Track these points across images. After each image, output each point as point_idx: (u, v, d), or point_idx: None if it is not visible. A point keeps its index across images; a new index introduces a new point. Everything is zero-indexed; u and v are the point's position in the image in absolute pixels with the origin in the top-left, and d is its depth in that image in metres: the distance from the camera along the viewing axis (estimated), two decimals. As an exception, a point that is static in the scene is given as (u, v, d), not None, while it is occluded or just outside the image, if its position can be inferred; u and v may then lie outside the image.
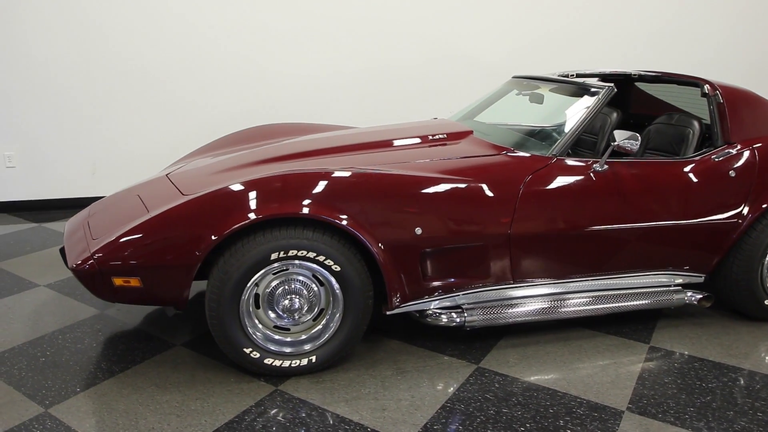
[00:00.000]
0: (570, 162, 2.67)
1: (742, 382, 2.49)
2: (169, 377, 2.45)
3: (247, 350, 2.38)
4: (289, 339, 2.45)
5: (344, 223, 2.30)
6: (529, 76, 3.38)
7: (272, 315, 2.44)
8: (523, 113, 3.43)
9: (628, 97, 3.89)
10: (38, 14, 4.47)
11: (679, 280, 2.92)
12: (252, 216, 2.23)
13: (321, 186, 2.34)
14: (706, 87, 2.98)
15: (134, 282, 2.33)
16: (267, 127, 3.63)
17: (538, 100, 3.19)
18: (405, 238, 2.41)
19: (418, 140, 2.96)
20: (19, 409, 2.21)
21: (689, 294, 2.89)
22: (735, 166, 2.81)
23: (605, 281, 2.80)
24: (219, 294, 2.30)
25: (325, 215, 2.28)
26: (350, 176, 2.40)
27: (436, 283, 2.58)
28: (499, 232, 2.53)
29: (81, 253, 2.39)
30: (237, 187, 2.32)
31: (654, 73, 3.36)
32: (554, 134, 2.84)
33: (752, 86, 5.45)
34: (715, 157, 2.83)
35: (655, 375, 2.53)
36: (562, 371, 2.55)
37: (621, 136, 2.67)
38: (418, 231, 2.42)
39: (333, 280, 2.39)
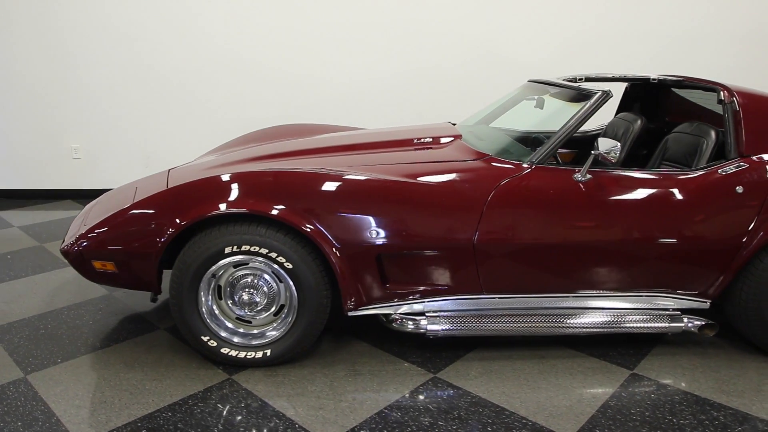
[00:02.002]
0: (549, 170, 2.53)
1: (721, 421, 2.23)
2: (139, 357, 2.62)
3: (205, 338, 2.49)
4: (241, 330, 2.54)
5: (288, 218, 2.34)
6: (542, 81, 3.23)
7: (234, 307, 2.54)
8: (529, 119, 3.28)
9: (664, 104, 3.59)
10: (99, 35, 4.98)
11: (680, 305, 2.66)
12: (204, 212, 2.35)
13: (273, 184, 2.40)
14: (723, 93, 2.70)
15: (110, 267, 2.53)
16: (281, 128, 3.76)
17: (540, 105, 3.05)
18: (360, 240, 2.41)
19: (403, 144, 2.93)
20: (3, 372, 2.48)
21: (688, 320, 2.63)
22: (744, 181, 2.51)
23: (587, 300, 2.62)
24: (179, 283, 2.43)
25: (269, 212, 2.33)
26: (304, 176, 2.44)
27: (400, 289, 2.56)
28: (462, 240, 2.45)
29: (71, 237, 2.64)
30: (195, 183, 2.45)
31: (674, 78, 3.08)
32: (540, 141, 2.70)
33: None
34: (723, 171, 2.55)
35: (623, 404, 2.33)
36: (520, 390, 2.42)
37: (606, 145, 2.47)
38: (374, 234, 2.41)
39: (287, 277, 2.44)
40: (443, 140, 2.92)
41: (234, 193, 2.40)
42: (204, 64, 5.13)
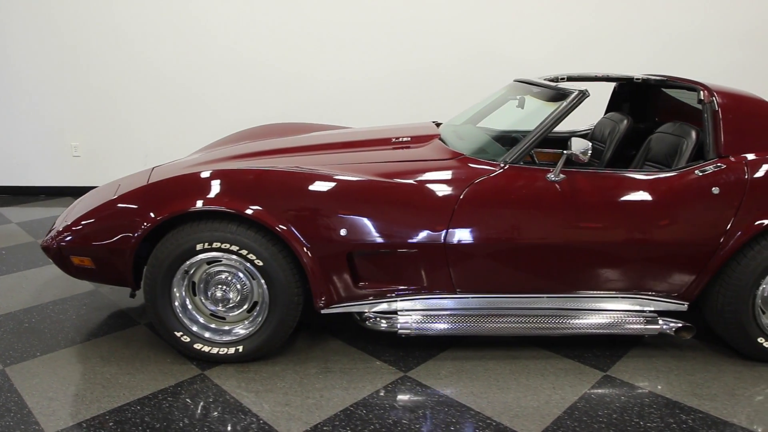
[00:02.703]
0: (522, 170, 2.52)
1: (689, 425, 2.20)
2: (116, 352, 2.66)
3: (178, 334, 2.53)
4: (213, 326, 2.56)
5: (258, 216, 2.36)
6: (526, 80, 3.21)
7: (207, 303, 2.57)
8: (515, 119, 3.27)
9: (654, 103, 3.55)
10: (99, 34, 5.06)
11: (658, 307, 2.64)
12: (172, 210, 2.38)
13: (242, 183, 2.43)
14: (702, 93, 2.66)
15: (87, 262, 2.58)
16: (268, 126, 3.78)
17: (521, 104, 3.03)
18: (329, 238, 2.42)
19: (381, 143, 2.94)
20: (-18, 364, 2.55)
21: (663, 323, 2.60)
22: (721, 182, 2.48)
23: (561, 301, 2.61)
24: (153, 279, 2.47)
25: (239, 210, 2.35)
26: (275, 174, 2.46)
27: (372, 287, 2.57)
28: (432, 239, 2.45)
29: (51, 233, 2.69)
30: (167, 181, 2.48)
31: (658, 77, 3.04)
32: (515, 141, 2.69)
33: None
34: (699, 171, 2.51)
35: (591, 406, 2.31)
36: (489, 390, 2.41)
37: (579, 145, 2.45)
38: (344, 232, 2.42)
39: (258, 274, 2.46)
40: (421, 140, 2.92)
41: (205, 190, 2.42)
42: (203, 63, 5.18)
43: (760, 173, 2.48)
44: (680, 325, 2.61)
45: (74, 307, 3.11)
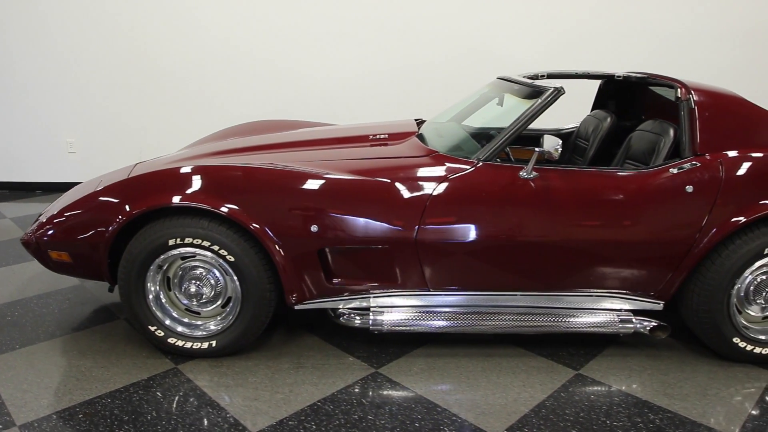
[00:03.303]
0: (494, 168, 2.51)
1: (656, 425, 2.19)
2: (93, 345, 2.70)
3: (152, 328, 2.55)
4: (186, 320, 2.59)
5: (230, 213, 2.38)
6: (507, 78, 3.20)
7: (182, 298, 2.59)
8: (493, 116, 3.26)
9: (641, 101, 3.52)
10: (95, 30, 5.11)
11: (633, 306, 2.62)
12: (146, 206, 2.40)
13: (214, 179, 2.44)
14: (680, 90, 2.64)
15: (65, 257, 2.61)
16: (254, 124, 3.80)
17: (501, 102, 3.02)
18: (300, 235, 2.44)
19: (358, 140, 2.95)
20: (-39, 356, 2.59)
21: (637, 321, 2.59)
22: (695, 180, 2.46)
23: (535, 299, 2.60)
24: (127, 274, 2.49)
25: (210, 205, 2.37)
26: (247, 170, 2.48)
27: (345, 283, 2.58)
28: (403, 236, 2.45)
29: (32, 227, 2.72)
30: (142, 177, 2.51)
31: (639, 75, 3.02)
32: (490, 138, 2.68)
33: None
34: (674, 170, 2.49)
35: (559, 404, 2.31)
36: (459, 387, 2.42)
37: (551, 143, 2.44)
38: (314, 228, 2.43)
39: (230, 269, 2.48)
40: (398, 137, 2.92)
41: (180, 187, 2.44)
42: (198, 59, 5.22)
43: (735, 172, 2.46)
44: (655, 324, 2.59)
45: (57, 301, 3.15)
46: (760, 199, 2.44)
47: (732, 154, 2.50)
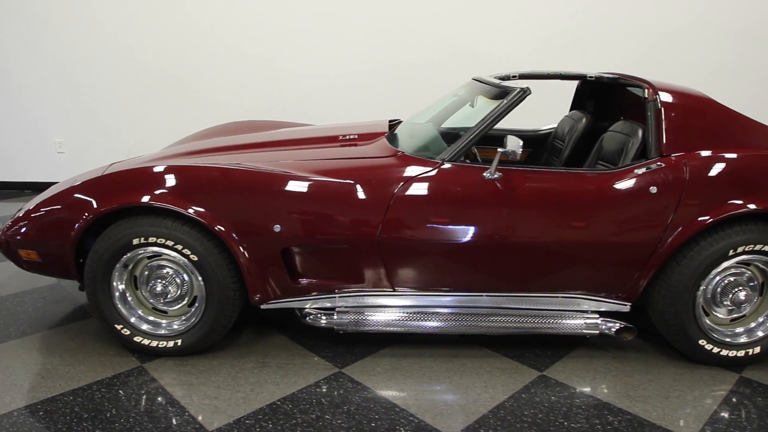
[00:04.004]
0: (458, 168, 2.51)
1: (614, 427, 2.18)
2: (63, 343, 2.72)
3: (119, 327, 2.57)
4: (151, 318, 2.60)
5: (193, 213, 2.39)
6: (480, 78, 3.19)
7: (149, 296, 2.61)
8: (467, 116, 3.25)
9: (619, 102, 3.50)
10: (83, 31, 5.15)
11: (600, 308, 2.61)
12: (108, 205, 2.42)
13: (179, 179, 2.45)
14: (647, 91, 2.62)
15: (33, 256, 2.63)
16: (235, 124, 3.81)
17: (472, 103, 3.02)
18: (263, 234, 2.44)
19: (328, 140, 2.95)
20: (-69, 353, 2.62)
21: (602, 323, 2.58)
22: (659, 181, 2.44)
23: (501, 300, 2.60)
24: (93, 272, 2.51)
25: (173, 205, 2.38)
26: (210, 170, 2.49)
27: (310, 283, 2.59)
28: (366, 236, 2.46)
29: (3, 227, 2.75)
30: (109, 176, 2.53)
31: (610, 75, 3.01)
32: (456, 139, 2.67)
33: (764, 89, 4.73)
34: (639, 170, 2.48)
35: (519, 405, 2.30)
36: (420, 387, 2.42)
37: (515, 143, 2.43)
38: (277, 228, 2.44)
39: (194, 269, 2.50)
40: (368, 137, 2.93)
41: (143, 186, 2.46)
42: (187, 60, 5.25)
43: (699, 173, 2.44)
44: (621, 325, 2.58)
45: (32, 299, 3.18)
46: (725, 201, 2.43)
47: (698, 154, 2.48)
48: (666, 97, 2.57)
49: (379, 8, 5.12)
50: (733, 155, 2.49)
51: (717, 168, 2.46)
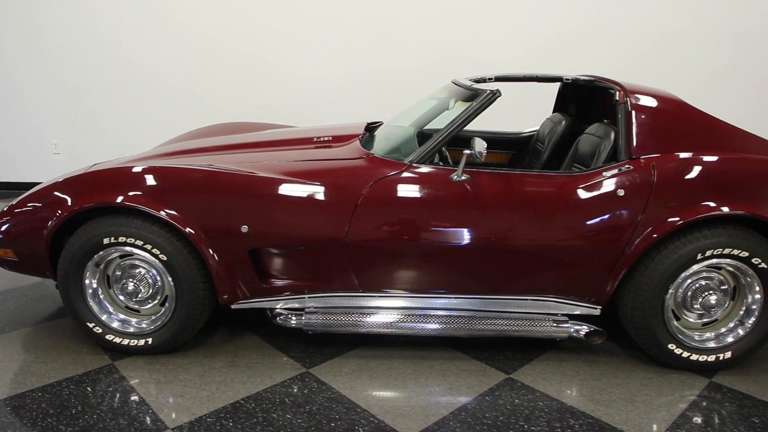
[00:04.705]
0: (426, 170, 2.52)
1: (575, 430, 2.17)
2: (38, 341, 2.76)
3: (91, 325, 2.60)
4: (122, 316, 2.63)
5: (163, 214, 2.42)
6: (456, 82, 3.18)
7: (120, 295, 2.64)
8: (440, 119, 3.25)
9: (600, 105, 3.48)
10: (80, 32, 5.23)
11: (570, 311, 2.60)
12: (79, 205, 2.46)
13: (148, 180, 2.48)
14: (618, 93, 2.61)
15: (10, 254, 2.68)
16: (220, 126, 3.84)
17: (450, 105, 3.02)
18: (230, 235, 2.47)
19: (303, 142, 2.97)
20: None
21: (571, 326, 2.56)
22: (626, 184, 2.43)
23: (469, 302, 2.60)
24: (65, 271, 2.55)
25: (143, 205, 2.42)
26: (180, 171, 2.52)
27: (279, 284, 2.61)
28: (333, 237, 2.47)
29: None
30: (78, 177, 2.57)
31: (586, 78, 2.99)
32: (426, 141, 2.68)
33: (763, 91, 4.68)
34: (607, 173, 2.47)
35: (481, 408, 2.30)
36: (385, 389, 2.42)
37: (479, 145, 2.43)
38: (244, 229, 2.46)
39: (164, 269, 2.52)
40: (342, 139, 2.94)
41: (115, 186, 2.49)
42: (183, 62, 5.31)
43: (667, 176, 2.42)
44: (590, 329, 2.57)
45: (15, 297, 3.23)
46: (694, 204, 2.41)
47: (667, 157, 2.46)
48: (636, 99, 2.56)
49: (374, 11, 5.14)
50: (704, 158, 2.47)
51: (686, 171, 2.45)
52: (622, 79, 2.83)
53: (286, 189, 2.49)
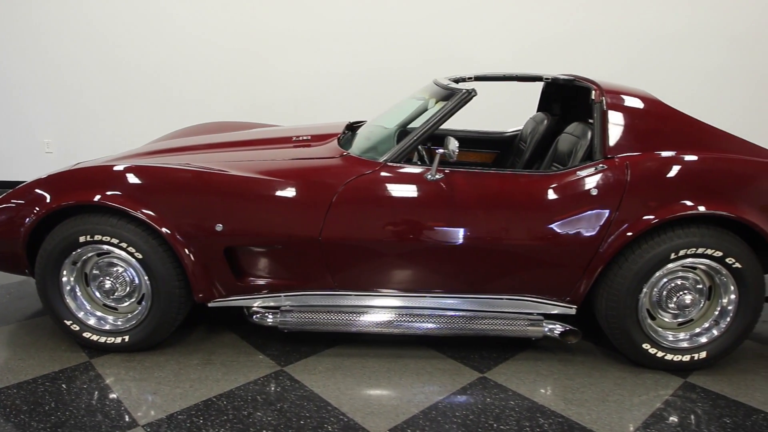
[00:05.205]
0: (400, 170, 2.52)
1: (544, 429, 2.17)
2: (18, 339, 2.78)
3: (68, 322, 2.62)
4: (98, 314, 2.65)
5: (139, 212, 2.43)
6: (436, 82, 3.18)
7: (98, 293, 2.66)
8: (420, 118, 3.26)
9: (584, 104, 3.47)
10: (72, 31, 5.26)
11: (546, 310, 2.60)
12: (57, 203, 2.48)
13: (123, 178, 2.50)
14: (594, 92, 2.61)
15: (-11, 251, 2.70)
16: (208, 125, 3.85)
17: (429, 105, 3.02)
18: (205, 233, 2.48)
19: (282, 141, 2.98)
20: None
21: (546, 325, 2.56)
22: (599, 184, 2.43)
23: (445, 300, 2.60)
24: (43, 269, 2.57)
25: (119, 204, 2.43)
26: (156, 170, 2.53)
27: (256, 283, 2.62)
28: (308, 236, 2.48)
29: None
30: (57, 176, 2.58)
31: (566, 77, 2.99)
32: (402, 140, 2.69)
33: (759, 93, 4.69)
34: (581, 173, 2.47)
35: (451, 407, 2.30)
36: (358, 387, 2.43)
37: (452, 144, 2.43)
38: (219, 228, 2.47)
39: (139, 267, 2.54)
40: (321, 138, 2.95)
41: (93, 185, 2.51)
42: (175, 61, 5.33)
43: (641, 175, 2.42)
44: (565, 328, 2.57)
45: (-2, 296, 3.27)
46: (668, 204, 2.40)
47: (641, 156, 2.46)
48: (611, 99, 2.56)
49: (367, 11, 5.15)
50: (680, 158, 2.47)
51: (661, 170, 2.44)
52: (616, 80, 2.84)
53: (261, 187, 2.50)
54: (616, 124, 2.52)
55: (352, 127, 3.38)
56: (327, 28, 5.23)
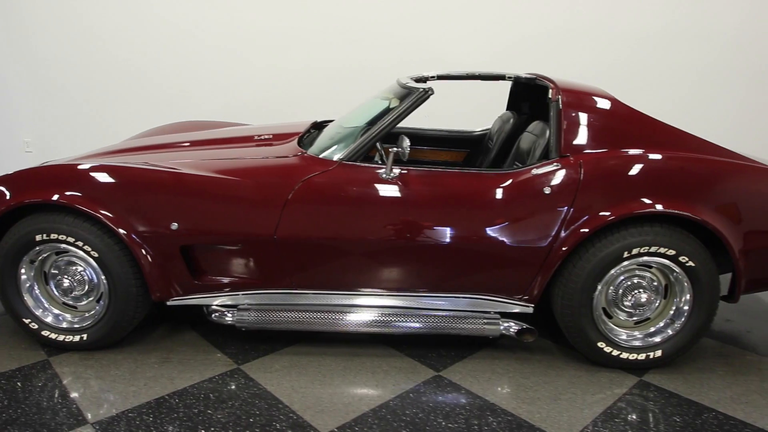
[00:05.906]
0: (354, 168, 2.52)
1: (492, 428, 2.17)
2: (-18, 337, 2.80)
3: (27, 320, 2.63)
4: (55, 311, 2.65)
5: (93, 211, 2.44)
6: (399, 81, 3.17)
7: (57, 292, 2.67)
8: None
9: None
10: (54, 27, 5.25)
11: (504, 309, 2.60)
12: (15, 201, 2.49)
13: (80, 177, 2.50)
14: (551, 91, 2.61)
15: (-40, 249, 2.71)
16: (179, 124, 3.87)
17: (390, 104, 3.02)
18: (160, 232, 2.48)
19: (244, 140, 2.99)
20: None
21: (502, 323, 2.57)
22: (553, 182, 2.43)
23: (402, 299, 2.60)
24: (1, 267, 2.58)
25: (74, 203, 2.43)
26: (110, 169, 2.53)
27: (214, 281, 2.62)
28: (263, 235, 2.48)
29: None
30: (19, 173, 2.59)
31: (528, 75, 2.99)
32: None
33: (754, 91, 4.66)
34: (536, 171, 2.47)
35: (402, 405, 2.31)
36: (311, 385, 2.43)
37: (405, 143, 2.44)
38: (174, 226, 2.48)
39: (96, 265, 2.55)
40: (282, 137, 2.96)
41: (47, 183, 2.52)
42: (159, 59, 5.32)
43: (594, 174, 2.42)
44: (521, 327, 2.57)
45: (-34, 293, 3.27)
46: (619, 202, 2.40)
47: (595, 155, 2.46)
48: (567, 97, 2.55)
49: (350, 10, 5.13)
50: (634, 156, 2.47)
51: (616, 168, 2.44)
52: (603, 81, 2.83)
53: (215, 186, 2.50)
54: (571, 123, 2.52)
55: (321, 126, 3.38)
56: (312, 27, 5.20)
